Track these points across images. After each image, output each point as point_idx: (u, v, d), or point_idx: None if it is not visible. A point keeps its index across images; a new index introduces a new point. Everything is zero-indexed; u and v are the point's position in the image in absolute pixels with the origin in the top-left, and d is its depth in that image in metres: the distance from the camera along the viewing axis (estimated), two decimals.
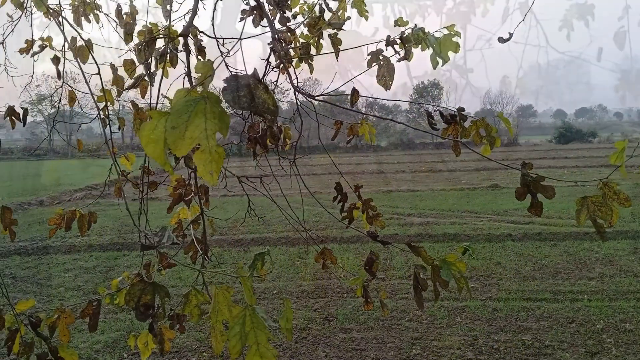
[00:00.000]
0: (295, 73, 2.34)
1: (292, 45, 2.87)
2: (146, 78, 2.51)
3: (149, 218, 2.69)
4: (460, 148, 2.39)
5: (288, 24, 2.60)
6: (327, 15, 2.76)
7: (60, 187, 24.35)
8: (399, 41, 2.45)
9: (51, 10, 2.96)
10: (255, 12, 2.34)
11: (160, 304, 1.58)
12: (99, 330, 7.14)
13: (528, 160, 2.01)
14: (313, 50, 2.88)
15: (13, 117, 2.83)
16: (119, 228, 14.14)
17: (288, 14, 2.67)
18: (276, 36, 1.98)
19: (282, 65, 2.32)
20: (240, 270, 1.50)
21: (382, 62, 2.35)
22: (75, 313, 2.57)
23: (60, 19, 2.95)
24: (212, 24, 2.17)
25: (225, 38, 2.18)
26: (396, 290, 8.44)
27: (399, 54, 2.45)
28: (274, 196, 2.87)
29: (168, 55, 2.33)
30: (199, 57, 2.39)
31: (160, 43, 2.61)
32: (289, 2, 2.59)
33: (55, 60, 3.07)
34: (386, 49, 2.45)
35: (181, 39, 2.24)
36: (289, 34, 2.69)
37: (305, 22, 2.78)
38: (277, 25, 2.49)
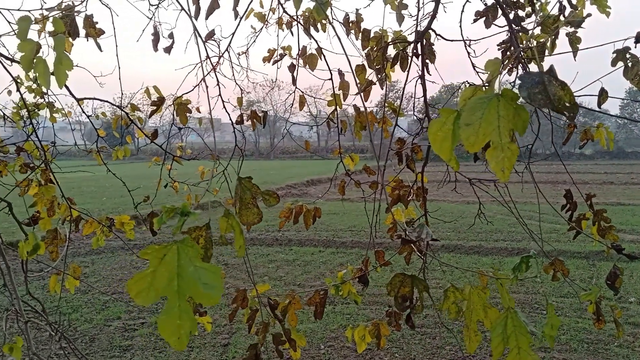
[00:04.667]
0: None
1: (523, 46, 2.76)
2: (377, 83, 2.63)
3: (346, 218, 2.77)
4: None
5: (522, 24, 2.52)
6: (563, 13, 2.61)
7: (264, 185, 26.63)
8: None
9: (287, 21, 3.28)
10: (488, 12, 2.31)
11: (418, 297, 1.65)
12: (299, 320, 7.64)
13: None
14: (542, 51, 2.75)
15: (255, 120, 3.20)
16: (315, 226, 15.00)
17: (521, 13, 2.59)
18: (514, 36, 1.92)
19: (516, 65, 2.25)
20: (497, 273, 1.49)
21: (629, 61, 2.15)
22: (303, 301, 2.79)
23: (294, 29, 3.24)
24: (460, 26, 2.18)
25: (472, 40, 2.18)
26: (605, 312, 7.63)
27: None
28: (453, 203, 2.79)
29: (399, 60, 2.41)
30: (427, 60, 2.43)
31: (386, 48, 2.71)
32: (533, 1, 2.50)
33: (291, 67, 3.38)
34: (635, 47, 2.23)
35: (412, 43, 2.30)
36: (520, 34, 2.60)
37: (539, 21, 2.65)
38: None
